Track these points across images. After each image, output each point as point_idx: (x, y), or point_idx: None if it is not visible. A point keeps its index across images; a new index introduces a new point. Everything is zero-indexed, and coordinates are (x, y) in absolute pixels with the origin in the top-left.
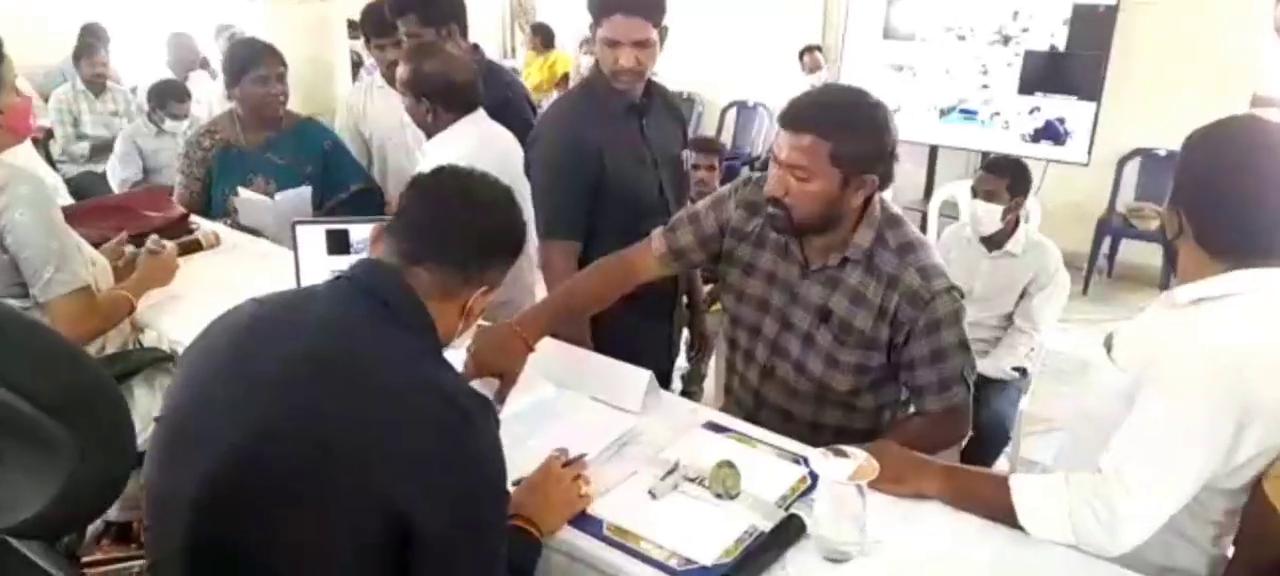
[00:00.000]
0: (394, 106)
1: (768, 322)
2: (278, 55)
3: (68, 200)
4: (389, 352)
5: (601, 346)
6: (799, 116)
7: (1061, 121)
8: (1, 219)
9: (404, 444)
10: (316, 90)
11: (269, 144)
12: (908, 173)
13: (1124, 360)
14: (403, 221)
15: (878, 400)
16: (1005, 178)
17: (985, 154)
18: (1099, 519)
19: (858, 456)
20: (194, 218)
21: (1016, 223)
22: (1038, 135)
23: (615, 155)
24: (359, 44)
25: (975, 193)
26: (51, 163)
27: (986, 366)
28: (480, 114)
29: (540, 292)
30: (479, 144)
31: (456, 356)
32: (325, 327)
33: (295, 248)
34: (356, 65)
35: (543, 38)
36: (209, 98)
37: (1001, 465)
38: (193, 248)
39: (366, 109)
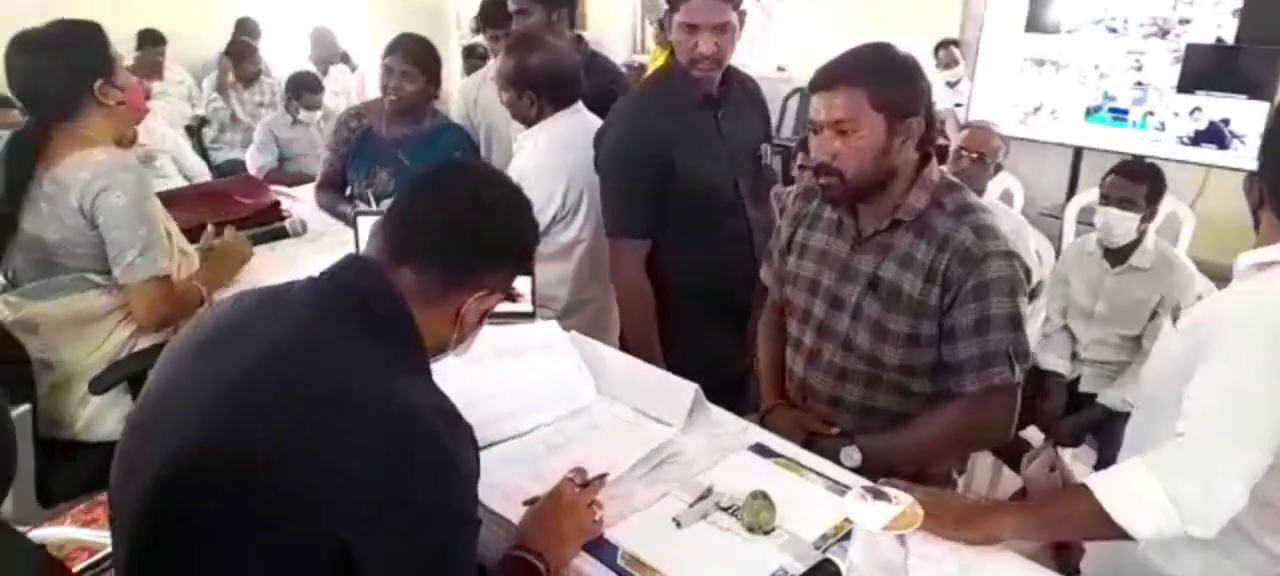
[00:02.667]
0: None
1: (817, 304)
2: (410, 52)
3: None
4: (351, 362)
5: (672, 344)
6: (829, 74)
7: (1227, 123)
8: (98, 199)
9: (352, 465)
10: None
11: (403, 140)
12: (1049, 176)
13: (1182, 326)
14: (393, 217)
15: (934, 386)
16: (1143, 183)
17: (1138, 159)
18: (1202, 489)
19: (902, 500)
20: (284, 205)
21: (1145, 233)
22: (1198, 138)
23: (686, 150)
24: (475, 37)
25: (1108, 199)
26: (202, 151)
27: (1110, 398)
28: (579, 106)
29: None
30: (570, 136)
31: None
32: (289, 333)
33: (356, 237)
34: (469, 54)
35: (665, 28)
36: (346, 89)
37: None
38: (279, 235)
39: (479, 98)
